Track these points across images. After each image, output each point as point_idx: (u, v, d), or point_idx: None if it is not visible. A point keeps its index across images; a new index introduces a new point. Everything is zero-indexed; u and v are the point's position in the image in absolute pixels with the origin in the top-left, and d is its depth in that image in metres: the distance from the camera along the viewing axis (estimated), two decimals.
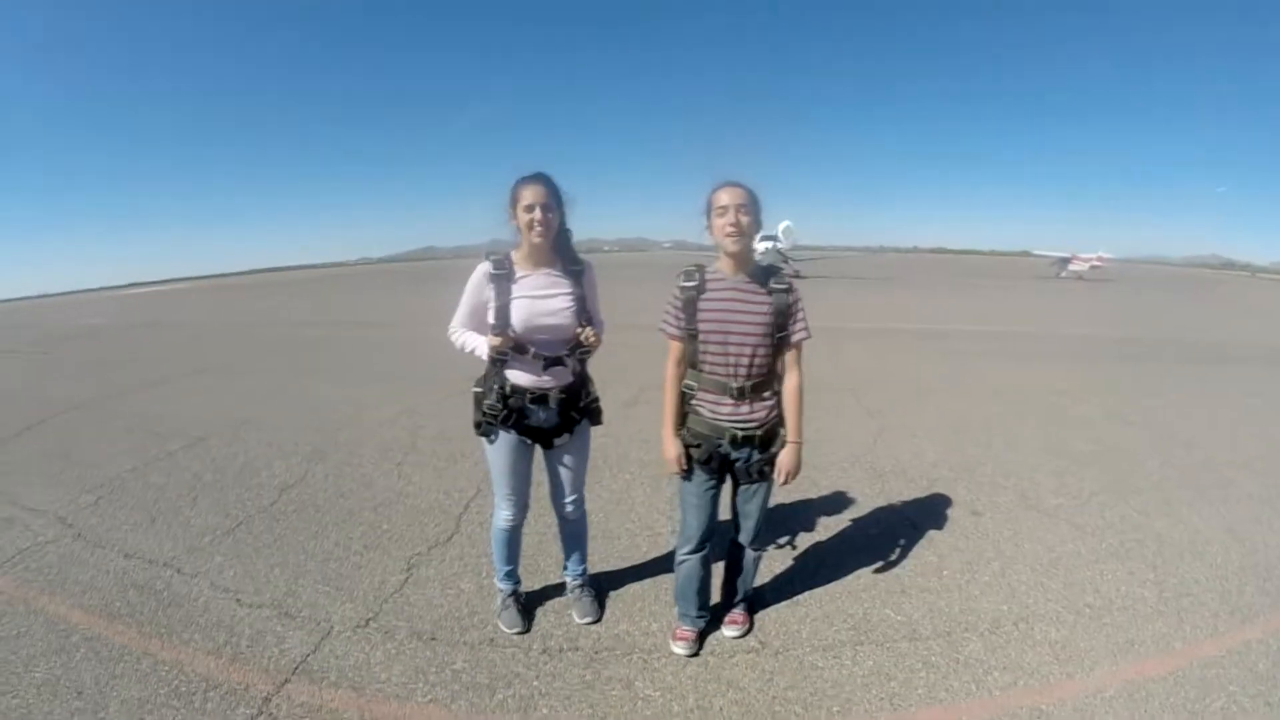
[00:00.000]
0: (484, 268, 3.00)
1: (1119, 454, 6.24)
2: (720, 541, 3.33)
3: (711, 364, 2.89)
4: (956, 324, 16.94)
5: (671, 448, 3.01)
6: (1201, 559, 4.22)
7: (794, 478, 3.00)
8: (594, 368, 3.29)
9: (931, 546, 4.34)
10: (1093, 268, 46.55)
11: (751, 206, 2.80)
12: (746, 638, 3.38)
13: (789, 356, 2.94)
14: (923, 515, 4.80)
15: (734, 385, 2.86)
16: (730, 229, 2.76)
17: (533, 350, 3.00)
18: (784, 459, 2.97)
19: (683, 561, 3.22)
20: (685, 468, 3.03)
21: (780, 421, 2.99)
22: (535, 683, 3.06)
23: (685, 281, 2.91)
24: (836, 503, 5.00)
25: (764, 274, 2.90)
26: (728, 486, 3.16)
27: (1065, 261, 47.62)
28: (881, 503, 5.03)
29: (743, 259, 2.87)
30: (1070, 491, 5.29)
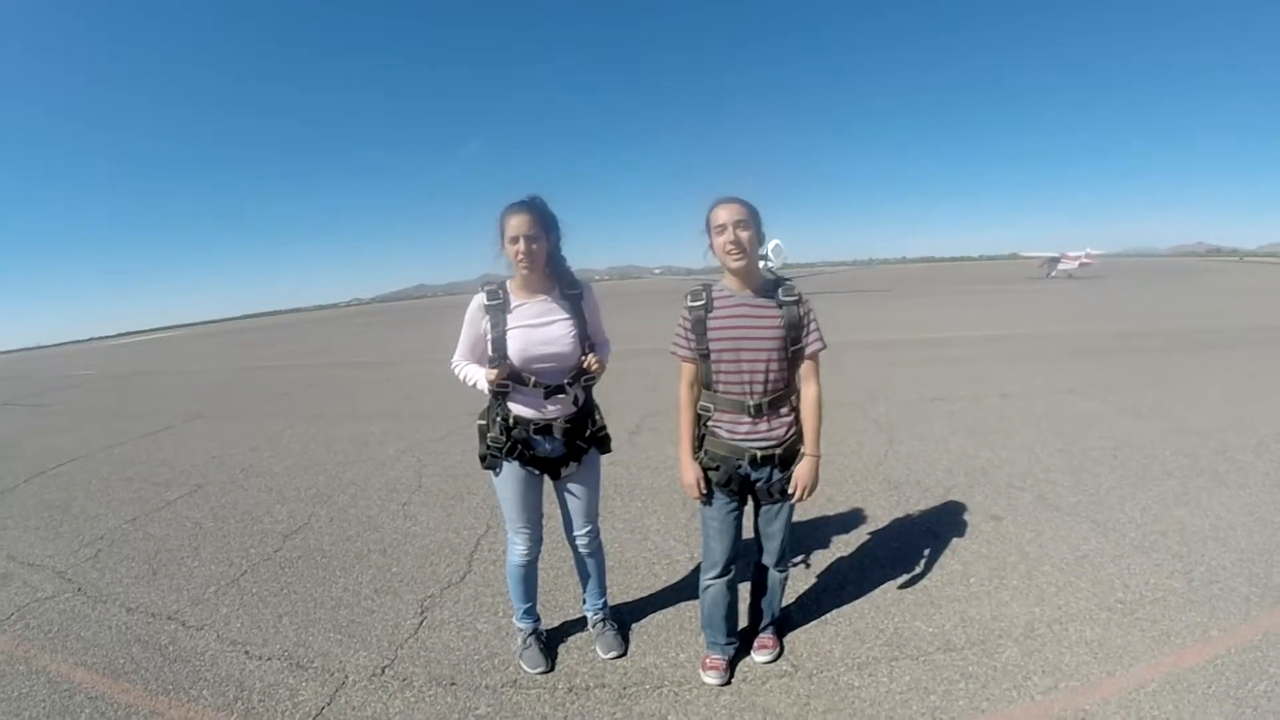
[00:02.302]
0: (479, 299, 2.96)
1: (1132, 447, 6.21)
2: (743, 565, 3.23)
3: (726, 383, 2.82)
4: (954, 330, 16.98)
5: (690, 472, 2.93)
6: (1226, 545, 4.19)
7: (810, 493, 2.91)
8: (595, 397, 3.22)
9: (955, 555, 4.27)
10: (1081, 265, 46.98)
11: (751, 221, 2.75)
12: (778, 662, 3.27)
13: (805, 369, 2.87)
14: (943, 524, 4.73)
15: (750, 403, 2.79)
16: (730, 246, 2.71)
17: (533, 380, 2.94)
18: (800, 472, 2.88)
19: (708, 587, 3.12)
20: (705, 492, 2.94)
21: (800, 439, 2.92)
22: None
23: (692, 302, 2.85)
24: (854, 517, 4.92)
25: (772, 287, 2.84)
26: (749, 508, 3.09)
27: (1054, 261, 48.08)
28: (900, 514, 4.95)
29: (748, 274, 2.81)
30: (1088, 488, 5.24)
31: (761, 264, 2.89)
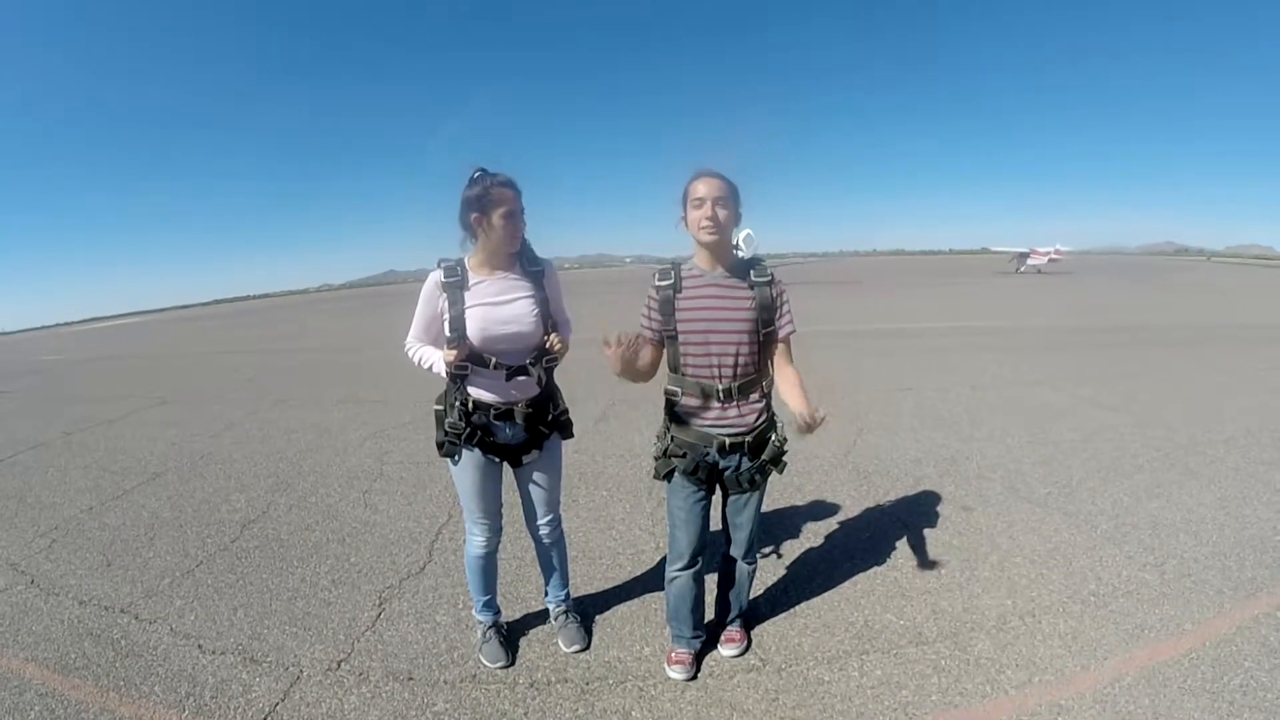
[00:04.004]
0: (435, 276, 2.82)
1: (1102, 440, 6.24)
2: (710, 556, 3.16)
3: (694, 366, 2.72)
4: (924, 322, 17.07)
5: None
6: (1197, 538, 4.21)
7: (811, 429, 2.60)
8: (559, 383, 3.13)
9: (926, 546, 4.23)
10: (1051, 261, 47.61)
11: (730, 199, 2.65)
12: (745, 656, 3.21)
13: (779, 353, 2.78)
14: (913, 514, 4.71)
15: (719, 387, 2.69)
16: (707, 223, 2.60)
17: (494, 361, 2.81)
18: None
19: (674, 579, 3.03)
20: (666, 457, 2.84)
21: (771, 426, 2.83)
22: None
23: (660, 281, 2.75)
24: (823, 507, 4.88)
25: (744, 267, 2.75)
26: (716, 498, 3.00)
27: (1024, 256, 48.65)
28: (869, 504, 4.92)
29: (720, 253, 2.72)
30: (1059, 480, 5.25)
31: (734, 253, 2.80)
